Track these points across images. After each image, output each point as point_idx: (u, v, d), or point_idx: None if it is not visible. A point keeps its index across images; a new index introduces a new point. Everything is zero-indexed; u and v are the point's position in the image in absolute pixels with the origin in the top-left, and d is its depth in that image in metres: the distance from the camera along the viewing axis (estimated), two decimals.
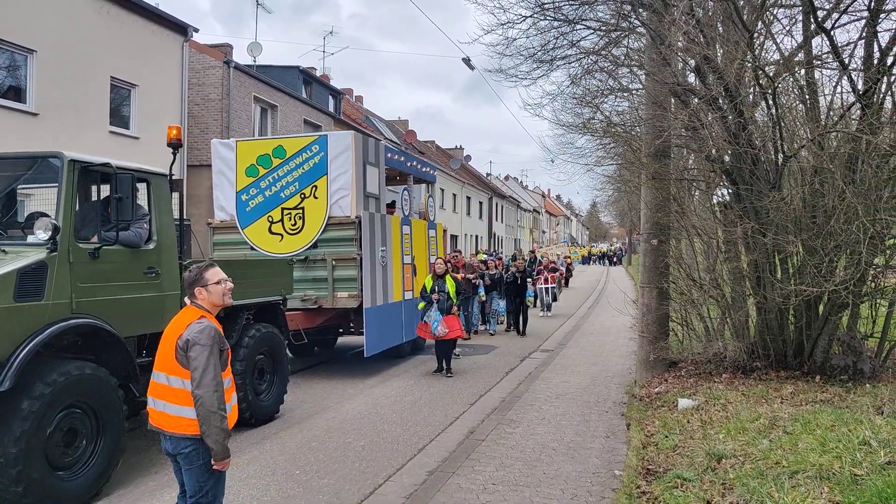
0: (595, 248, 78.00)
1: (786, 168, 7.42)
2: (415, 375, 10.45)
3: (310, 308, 9.93)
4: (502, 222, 57.37)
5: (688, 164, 10.38)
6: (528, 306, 16.24)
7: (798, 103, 7.58)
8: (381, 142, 11.74)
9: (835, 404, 6.17)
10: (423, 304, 10.51)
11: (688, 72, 8.39)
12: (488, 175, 62.47)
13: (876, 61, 6.76)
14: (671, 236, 9.10)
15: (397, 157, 12.06)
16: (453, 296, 10.42)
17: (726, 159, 7.91)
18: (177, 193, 6.73)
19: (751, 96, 7.49)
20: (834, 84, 7.41)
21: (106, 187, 5.67)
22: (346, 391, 9.25)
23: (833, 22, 6.76)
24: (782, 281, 7.30)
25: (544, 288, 19.45)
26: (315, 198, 10.02)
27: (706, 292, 8.45)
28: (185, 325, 3.54)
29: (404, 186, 12.59)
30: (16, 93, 13.47)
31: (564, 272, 30.42)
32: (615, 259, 62.88)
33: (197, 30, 18.26)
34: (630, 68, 9.49)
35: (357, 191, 9.96)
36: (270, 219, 10.24)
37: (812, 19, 6.77)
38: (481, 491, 5.31)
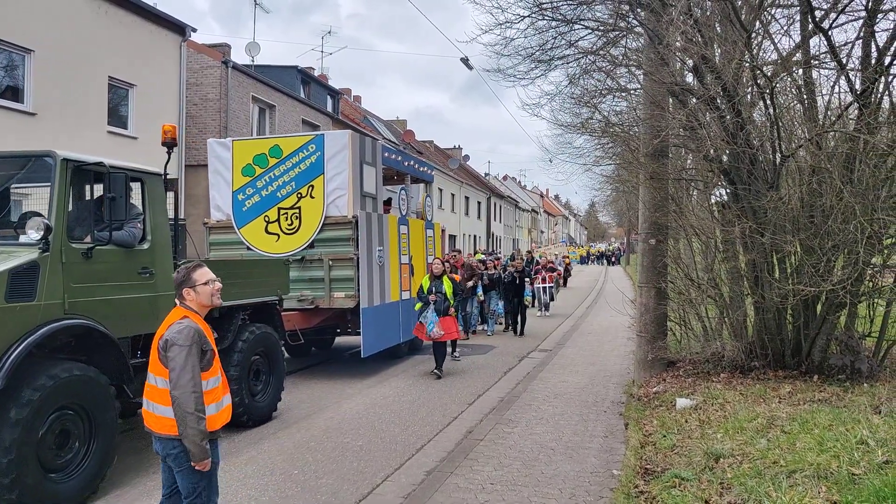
0: (593, 248, 78.10)
1: (784, 168, 7.42)
2: (413, 375, 10.45)
3: (306, 308, 9.90)
4: (501, 222, 57.37)
5: (686, 164, 10.39)
6: (527, 306, 16.24)
7: (796, 103, 7.59)
8: (378, 141, 11.71)
9: (832, 404, 6.18)
10: (419, 305, 10.47)
11: (686, 72, 8.39)
12: (487, 175, 62.47)
13: (873, 61, 6.77)
14: (669, 236, 9.11)
15: (394, 157, 12.02)
16: (450, 297, 10.34)
17: (724, 159, 7.92)
18: (172, 193, 6.68)
19: (749, 96, 7.49)
20: (832, 84, 7.43)
21: (100, 187, 5.61)
22: (344, 391, 9.25)
23: (831, 22, 6.77)
24: (780, 280, 7.30)
25: (542, 287, 19.43)
26: (312, 197, 9.98)
27: (704, 292, 8.45)
28: (168, 326, 3.55)
29: (402, 186, 12.57)
30: (14, 93, 13.46)
31: (563, 272, 30.40)
32: (613, 259, 62.95)
33: (195, 29, 18.29)
34: (628, 68, 9.49)
35: (354, 190, 9.92)
36: (267, 218, 10.19)
37: (810, 19, 6.78)
38: (479, 490, 5.31)
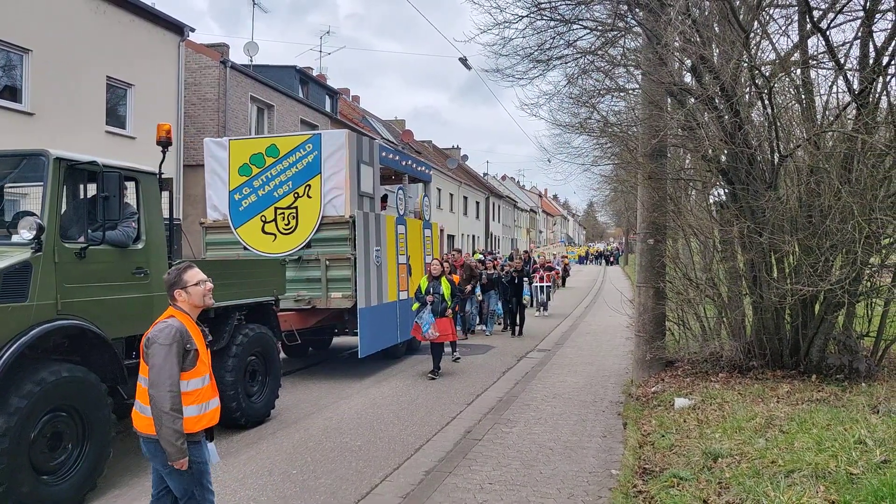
0: (592, 248, 78.15)
1: (782, 168, 7.43)
2: (411, 376, 10.44)
3: (303, 308, 9.86)
4: (499, 222, 57.37)
5: (684, 164, 10.41)
6: (526, 306, 16.24)
7: (794, 103, 7.60)
8: (375, 140, 11.69)
9: (831, 403, 6.19)
10: (416, 305, 10.45)
11: (684, 72, 8.40)
12: (485, 175, 62.44)
13: (871, 61, 6.78)
14: (668, 236, 9.11)
15: (392, 156, 11.99)
16: (448, 298, 10.31)
17: (722, 159, 7.93)
18: (167, 192, 6.62)
19: (747, 96, 7.49)
20: (830, 84, 7.44)
21: (94, 186, 5.51)
22: (342, 391, 9.25)
23: (829, 22, 6.77)
24: (778, 280, 7.31)
25: (539, 286, 19.42)
26: (309, 197, 9.92)
27: (702, 292, 8.46)
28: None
29: (399, 186, 12.55)
30: (11, 92, 13.45)
31: (561, 272, 30.38)
32: (612, 259, 63.00)
33: (193, 29, 18.29)
34: (627, 68, 9.50)
35: (351, 190, 9.87)
36: (263, 218, 10.14)
37: (808, 19, 6.78)
38: (478, 490, 5.31)
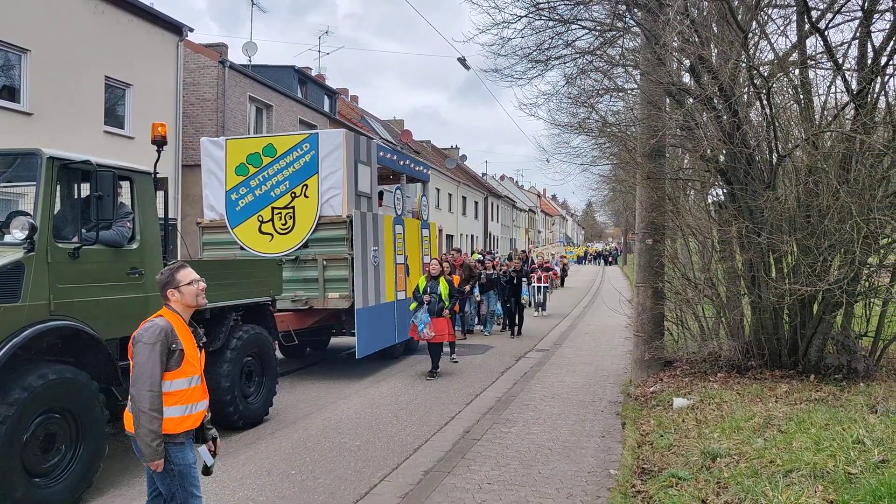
0: (590, 248, 78.18)
1: (780, 168, 7.44)
2: (410, 376, 10.44)
3: (300, 309, 9.83)
4: (498, 222, 57.38)
5: (683, 164, 10.42)
6: (525, 306, 16.24)
7: (792, 103, 7.61)
8: (373, 140, 11.67)
9: (829, 403, 6.20)
10: (414, 305, 10.45)
11: (682, 72, 8.40)
12: (484, 175, 62.44)
13: (870, 61, 6.79)
14: (666, 236, 9.12)
15: (390, 156, 11.96)
16: (445, 298, 10.30)
17: (721, 159, 7.94)
18: (162, 192, 6.58)
19: (745, 96, 7.50)
20: (828, 84, 7.45)
21: (88, 186, 5.46)
22: (341, 391, 9.24)
23: (827, 22, 6.78)
24: (777, 280, 7.32)
25: (536, 287, 19.44)
26: (306, 197, 9.89)
27: (701, 292, 8.47)
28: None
29: (397, 185, 12.53)
30: (10, 92, 13.44)
31: (559, 273, 30.39)
32: (610, 259, 63.03)
33: (192, 29, 18.30)
34: (625, 68, 9.50)
35: (348, 190, 9.83)
36: (260, 218, 10.10)
37: (806, 19, 6.79)
38: (477, 490, 5.31)
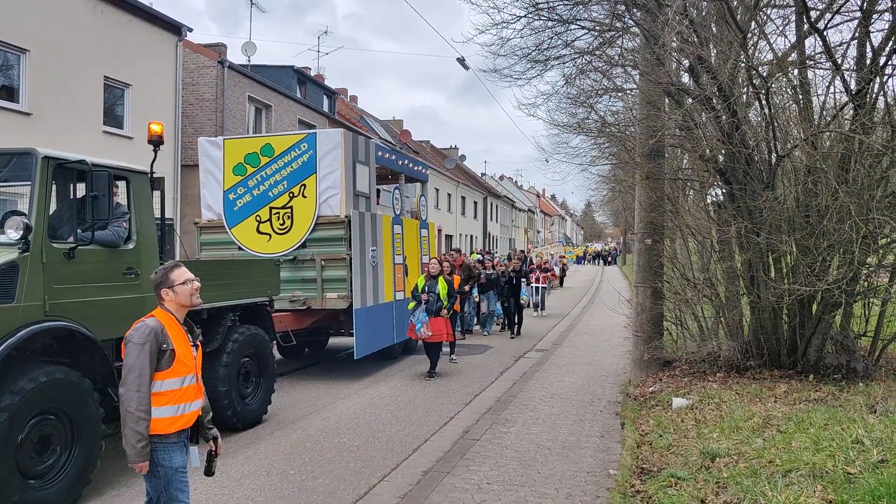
0: (590, 248, 78.17)
1: (779, 168, 7.45)
2: (409, 376, 10.44)
3: (298, 309, 9.80)
4: (497, 222, 57.37)
5: (682, 164, 10.43)
6: (524, 306, 16.24)
7: (791, 103, 7.62)
8: (371, 140, 11.64)
9: (828, 403, 6.20)
10: (413, 304, 10.43)
11: (682, 72, 8.41)
12: (483, 175, 62.44)
13: (868, 61, 6.80)
14: (665, 236, 9.13)
15: (388, 156, 11.93)
16: (443, 298, 10.27)
17: (720, 159, 7.94)
18: (159, 192, 6.55)
19: (744, 96, 7.51)
20: (827, 84, 7.46)
21: (84, 185, 5.41)
22: (340, 391, 9.24)
23: (826, 22, 6.79)
24: (776, 280, 7.32)
25: (535, 287, 19.46)
26: (304, 197, 9.86)
27: (700, 292, 8.47)
28: None
29: (396, 185, 12.52)
30: (9, 92, 13.43)
31: (558, 273, 30.38)
32: (610, 259, 63.05)
33: (191, 29, 18.30)
34: (624, 68, 9.51)
35: (347, 190, 9.80)
36: (258, 218, 10.07)
37: (805, 20, 6.80)
38: (476, 490, 5.31)
